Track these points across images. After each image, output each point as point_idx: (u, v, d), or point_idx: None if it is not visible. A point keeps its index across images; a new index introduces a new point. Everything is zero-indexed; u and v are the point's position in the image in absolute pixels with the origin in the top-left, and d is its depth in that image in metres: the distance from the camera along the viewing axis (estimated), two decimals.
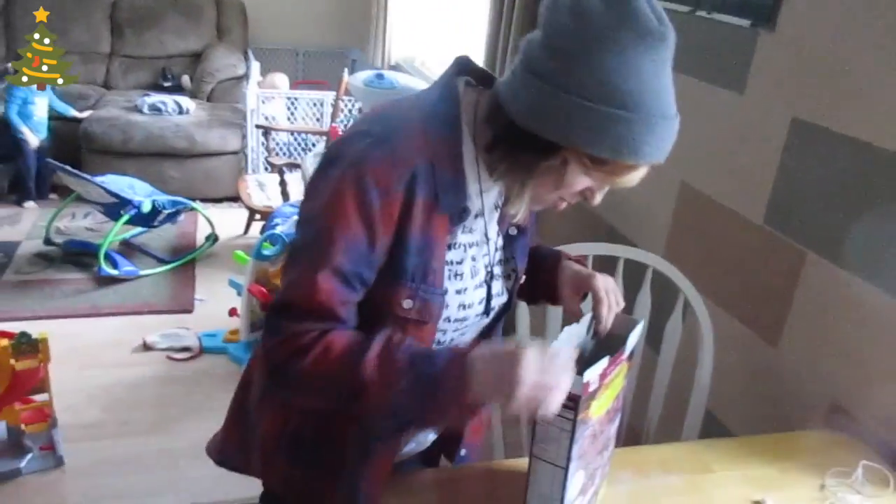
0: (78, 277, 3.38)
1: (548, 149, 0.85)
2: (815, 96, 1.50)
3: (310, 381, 0.90)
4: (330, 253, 0.87)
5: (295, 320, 0.89)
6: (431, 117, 0.93)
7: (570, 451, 0.90)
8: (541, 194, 0.92)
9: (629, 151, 0.82)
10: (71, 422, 2.38)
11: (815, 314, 1.50)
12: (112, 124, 4.17)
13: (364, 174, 0.87)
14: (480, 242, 1.02)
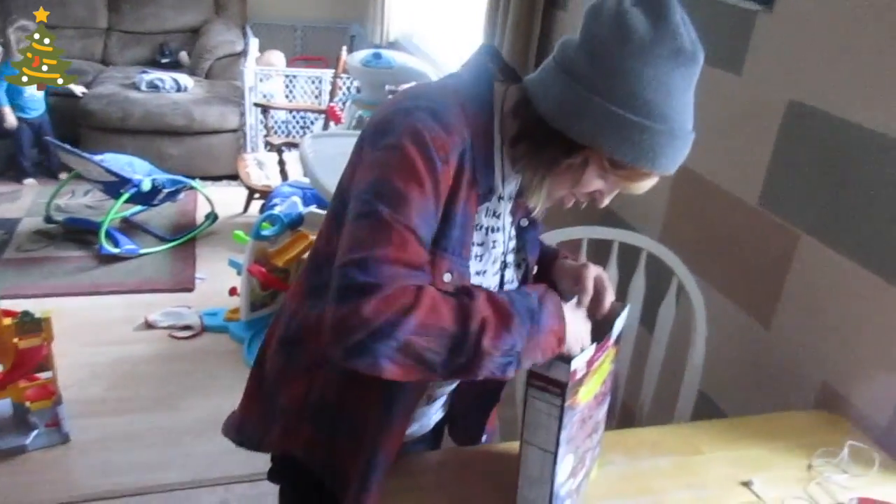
0: (79, 255, 3.40)
1: (572, 147, 0.90)
2: (812, 78, 1.50)
3: (424, 333, 0.83)
4: (408, 213, 0.86)
5: (393, 275, 0.84)
6: (468, 98, 0.96)
7: (558, 437, 0.92)
8: (555, 190, 0.97)
9: (649, 160, 0.88)
10: (75, 398, 2.41)
11: (808, 296, 1.51)
12: (110, 101, 4.16)
13: (426, 140, 0.88)
14: (499, 228, 1.05)
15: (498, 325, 0.86)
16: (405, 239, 0.86)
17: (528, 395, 0.93)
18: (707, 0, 1.78)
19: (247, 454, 1.18)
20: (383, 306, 0.82)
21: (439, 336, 0.84)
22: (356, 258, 0.84)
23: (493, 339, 0.85)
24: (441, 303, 0.85)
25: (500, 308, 0.87)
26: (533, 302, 0.90)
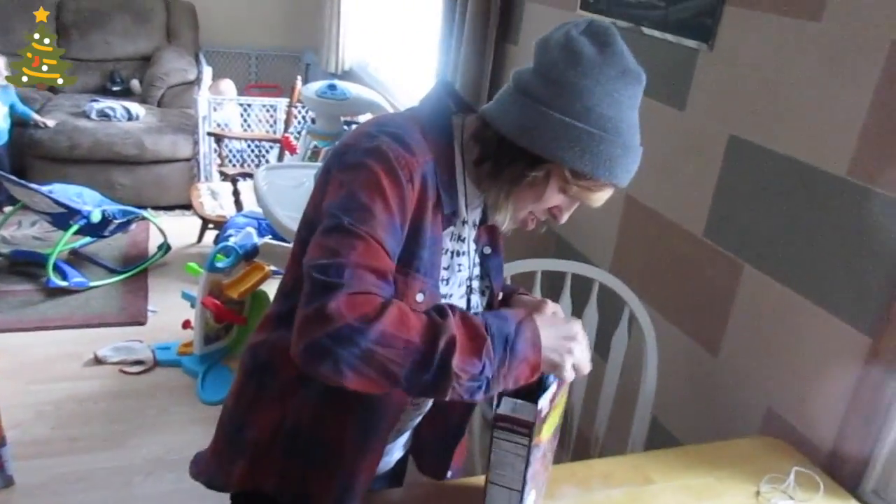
0: (25, 289, 3.31)
1: (534, 162, 0.94)
2: (750, 114, 1.57)
3: (388, 344, 0.83)
4: (374, 225, 0.89)
5: (361, 278, 0.85)
6: (428, 126, 1.01)
7: (525, 475, 0.93)
8: (518, 208, 1.00)
9: (606, 169, 0.93)
10: (20, 439, 2.34)
11: (753, 324, 1.56)
12: (58, 130, 4.08)
13: (390, 158, 0.92)
14: (464, 252, 1.08)
15: (468, 347, 0.85)
16: (371, 247, 0.88)
17: (494, 436, 0.94)
18: (651, 39, 1.85)
19: (199, 493, 1.16)
20: (347, 309, 0.82)
21: (404, 350, 0.83)
22: (324, 263, 0.86)
23: (461, 362, 0.84)
24: (409, 317, 0.85)
25: (472, 330, 0.87)
26: (509, 327, 0.90)
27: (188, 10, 5.18)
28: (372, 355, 0.82)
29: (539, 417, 0.91)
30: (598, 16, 2.07)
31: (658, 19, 1.83)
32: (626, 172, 0.96)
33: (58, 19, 4.89)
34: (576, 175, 0.94)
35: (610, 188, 0.98)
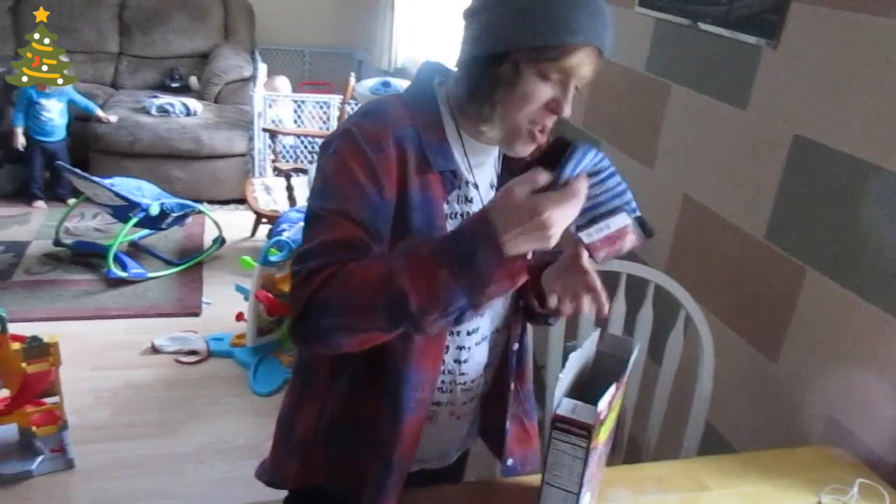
0: (87, 278, 3.42)
1: (497, 59, 0.94)
2: (817, 114, 1.52)
3: (345, 314, 0.86)
4: (345, 206, 0.93)
5: (313, 258, 0.89)
6: (410, 99, 1.04)
7: (582, 478, 0.93)
8: (512, 118, 0.97)
9: (562, 29, 0.91)
10: (80, 423, 2.41)
11: (814, 329, 1.52)
12: (120, 125, 4.21)
13: (356, 137, 0.96)
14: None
15: (423, 287, 0.81)
16: (335, 223, 0.92)
17: (552, 436, 0.93)
18: (713, 35, 1.81)
19: (248, 483, 1.19)
20: (297, 291, 0.88)
21: (370, 308, 0.84)
22: (299, 253, 0.93)
23: (420, 304, 0.82)
24: (367, 272, 0.85)
25: (422, 267, 0.82)
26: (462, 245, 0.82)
27: (245, 9, 5.29)
28: (345, 322, 0.87)
29: (598, 420, 0.90)
30: (656, 12, 2.04)
31: (720, 15, 1.78)
32: (587, 27, 0.91)
33: (120, 18, 5.05)
34: (538, 51, 0.92)
35: (584, 49, 0.92)
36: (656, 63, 2.06)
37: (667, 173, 2.02)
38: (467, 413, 1.20)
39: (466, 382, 1.14)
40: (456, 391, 1.14)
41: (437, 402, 1.13)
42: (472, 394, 1.17)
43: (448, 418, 1.16)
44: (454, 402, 1.15)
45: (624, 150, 2.23)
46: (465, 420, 1.21)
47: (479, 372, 1.16)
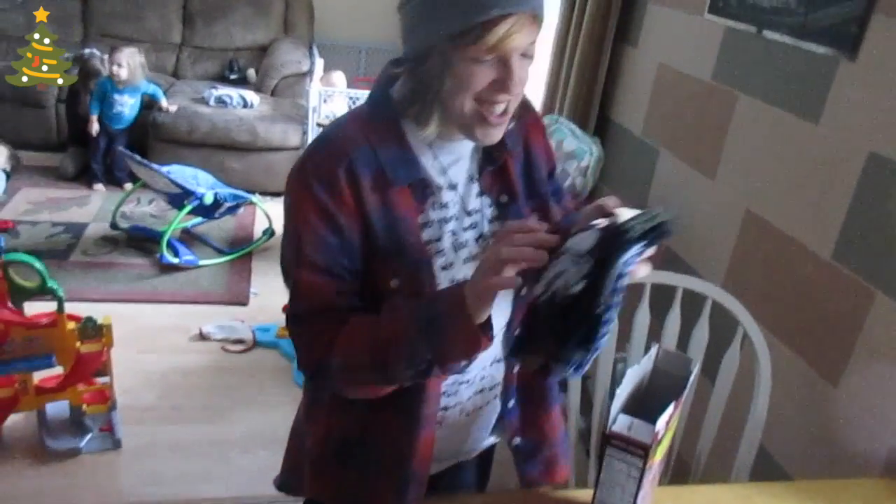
0: (140, 262, 3.49)
1: (423, 56, 0.92)
2: (894, 131, 1.45)
3: (349, 369, 0.94)
4: (304, 254, 0.95)
5: (308, 324, 0.97)
6: (369, 109, 1.01)
7: (635, 498, 0.90)
8: (457, 109, 0.93)
9: (473, 7, 0.86)
10: (128, 404, 2.46)
11: (881, 357, 1.45)
12: (179, 115, 4.29)
13: (307, 175, 0.95)
14: (459, 216, 1.03)
15: (396, 343, 0.89)
16: (310, 283, 0.95)
17: (607, 454, 0.91)
18: (785, 45, 1.75)
19: None
20: (305, 358, 0.98)
21: (361, 367, 0.93)
22: (288, 313, 1.00)
23: (395, 359, 0.90)
24: (354, 336, 0.93)
25: (396, 325, 0.90)
26: (434, 306, 0.89)
27: (305, 4, 5.34)
28: (346, 379, 0.96)
29: (656, 439, 0.87)
30: (726, 20, 1.98)
31: (795, 25, 1.72)
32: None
33: (184, 8, 5.15)
34: (458, 37, 0.87)
35: (507, 20, 0.86)
36: (723, 71, 2.01)
37: (729, 186, 1.96)
38: (477, 407, 1.15)
39: (470, 377, 1.11)
40: (460, 391, 1.11)
41: (444, 407, 1.10)
42: (475, 387, 1.12)
43: (458, 417, 1.13)
44: (461, 401, 1.12)
45: (684, 159, 2.18)
46: (475, 415, 1.16)
47: (484, 367, 1.12)
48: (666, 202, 2.29)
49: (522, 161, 1.10)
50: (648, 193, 2.37)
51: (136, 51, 4.14)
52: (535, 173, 1.11)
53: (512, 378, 1.15)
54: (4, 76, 3.89)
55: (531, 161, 1.11)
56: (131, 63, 4.07)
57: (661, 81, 2.34)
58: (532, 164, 1.11)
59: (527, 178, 1.10)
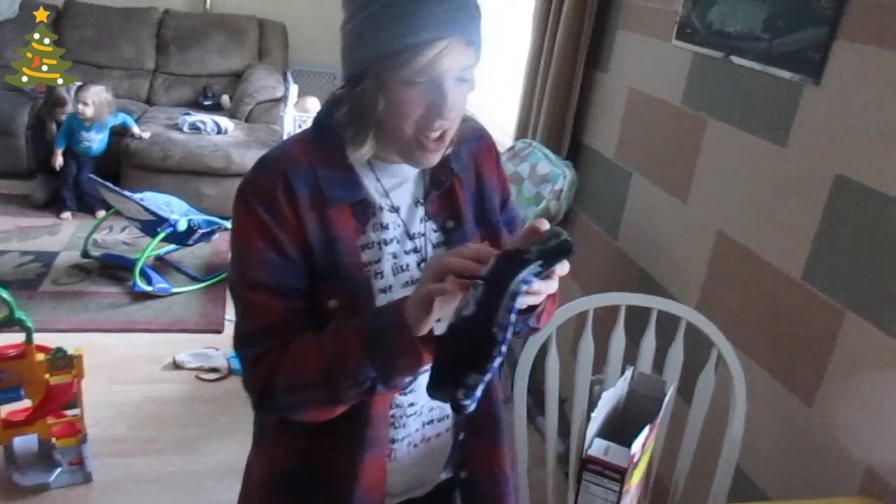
0: (113, 291, 3.45)
1: (356, 79, 0.93)
2: (860, 154, 1.48)
3: (295, 389, 0.94)
4: (249, 274, 0.96)
5: (255, 345, 0.97)
6: (312, 131, 1.02)
7: None
8: (393, 127, 0.93)
9: (403, 30, 0.86)
10: (99, 437, 2.41)
11: (853, 376, 1.47)
12: (153, 141, 4.26)
13: (248, 196, 0.96)
14: (400, 239, 1.03)
15: (341, 359, 0.89)
16: (257, 303, 0.96)
17: (584, 478, 0.90)
18: (752, 71, 1.79)
19: None
20: (251, 379, 0.97)
21: (307, 387, 0.93)
22: (235, 335, 1.00)
23: (341, 375, 0.89)
24: (299, 356, 0.94)
25: (342, 343, 0.90)
26: (378, 319, 0.89)
27: (280, 30, 5.37)
28: (291, 401, 0.95)
29: (632, 462, 0.87)
30: (694, 46, 2.02)
31: (761, 51, 1.76)
32: (433, 17, 0.86)
33: (158, 36, 5.15)
34: (388, 59, 0.88)
35: (437, 43, 0.86)
36: (693, 96, 2.04)
37: (700, 208, 1.99)
38: (426, 438, 1.12)
39: (417, 408, 1.09)
40: (408, 423, 1.09)
41: (392, 439, 1.08)
42: (424, 418, 1.11)
43: (408, 450, 1.11)
44: (409, 433, 1.10)
45: (657, 182, 2.21)
46: (425, 448, 1.13)
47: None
48: (639, 225, 2.32)
49: (474, 188, 1.10)
50: (622, 216, 2.40)
51: (102, 89, 4.13)
52: (486, 202, 1.10)
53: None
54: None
55: (482, 189, 1.11)
56: (97, 101, 4.06)
57: (632, 106, 2.38)
58: (483, 191, 1.11)
59: (477, 206, 1.10)
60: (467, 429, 1.14)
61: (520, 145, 2.74)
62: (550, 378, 1.58)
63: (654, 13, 2.24)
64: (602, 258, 2.52)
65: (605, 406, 0.98)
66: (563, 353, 1.65)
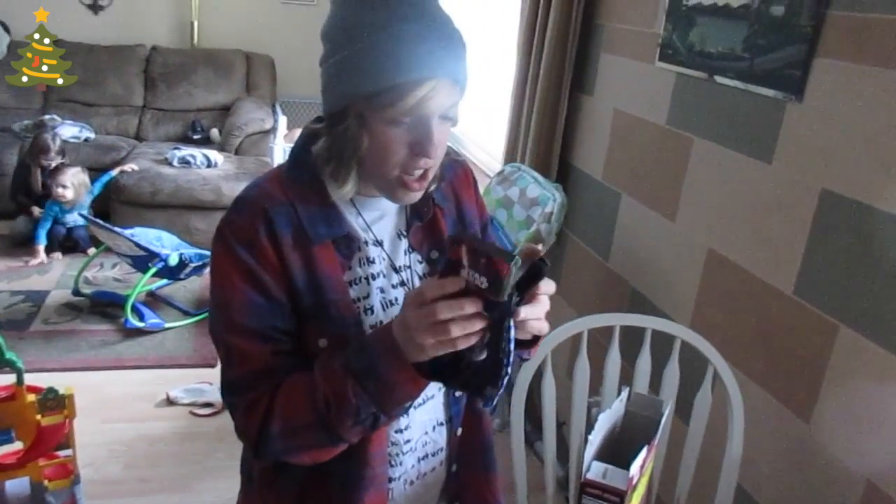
0: (104, 328, 3.42)
1: (338, 116, 0.90)
2: (845, 168, 1.50)
3: (292, 434, 0.92)
4: (233, 319, 0.93)
5: (243, 393, 0.94)
6: (288, 167, 0.99)
7: None
8: (378, 168, 0.92)
9: (389, 69, 0.84)
10: (93, 478, 2.38)
11: (849, 390, 1.47)
12: (142, 177, 4.26)
13: (228, 238, 0.93)
14: (386, 273, 1.02)
15: (336, 398, 0.86)
16: (242, 349, 0.92)
17: (583, 503, 0.89)
18: (735, 90, 1.81)
19: None
20: (244, 427, 0.94)
21: (304, 429, 0.90)
22: (222, 382, 0.97)
23: (338, 415, 0.87)
24: (291, 398, 0.91)
25: (334, 382, 0.87)
26: (369, 356, 0.86)
27: (267, 63, 5.41)
28: (289, 446, 0.92)
29: (630, 485, 0.86)
30: (677, 66, 2.05)
31: (742, 70, 1.78)
32: (420, 57, 0.84)
33: (145, 73, 5.17)
34: (373, 98, 0.86)
35: (424, 84, 0.85)
36: (678, 117, 2.06)
37: (689, 227, 2.00)
38: (421, 474, 1.11)
39: (412, 444, 1.08)
40: (404, 460, 1.07)
41: (389, 478, 1.06)
42: (419, 453, 1.09)
43: (404, 488, 1.09)
44: (405, 470, 1.08)
45: (645, 202, 2.22)
46: (421, 483, 1.12)
47: (426, 431, 1.09)
48: (630, 245, 2.32)
49: (455, 216, 1.10)
50: (613, 237, 2.41)
51: (78, 170, 4.14)
52: (467, 228, 1.10)
53: (455, 441, 1.12)
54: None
55: (463, 216, 1.11)
56: (76, 182, 4.06)
57: (618, 128, 2.40)
58: (464, 218, 1.11)
59: None
60: (459, 459, 1.13)
61: (509, 169, 2.76)
62: (547, 402, 1.57)
63: (636, 35, 2.27)
64: (594, 279, 2.52)
65: (602, 428, 0.97)
66: (558, 375, 1.64)
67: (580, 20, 2.52)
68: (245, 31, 5.48)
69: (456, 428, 1.11)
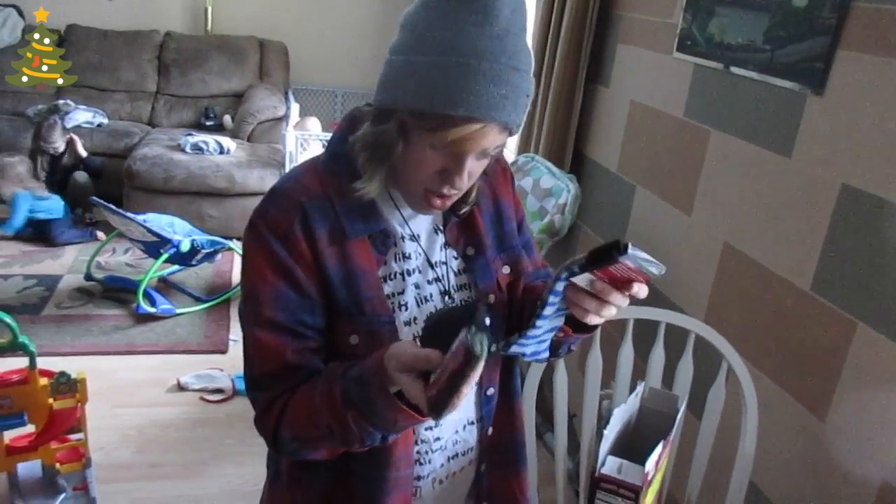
0: (116, 314, 3.43)
1: (384, 115, 0.88)
2: (866, 163, 1.47)
3: (303, 443, 0.93)
4: (261, 312, 0.92)
5: (265, 390, 0.94)
6: (326, 158, 0.98)
7: None
8: (406, 177, 0.92)
9: (442, 97, 0.81)
10: (104, 462, 2.39)
11: (866, 388, 1.45)
12: (155, 162, 4.27)
13: (261, 229, 0.92)
14: (422, 268, 1.00)
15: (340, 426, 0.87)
16: (263, 346, 0.92)
17: (597, 497, 0.89)
18: (755, 82, 1.78)
19: None
20: (262, 424, 0.95)
21: (315, 435, 0.90)
22: (249, 379, 0.96)
23: (343, 437, 0.87)
24: (302, 408, 0.91)
25: (335, 411, 0.87)
26: (366, 390, 0.85)
27: (281, 51, 5.39)
28: (303, 448, 0.93)
29: (646, 481, 0.85)
30: (694, 58, 2.02)
31: (762, 62, 1.76)
32: (474, 96, 0.81)
33: (159, 59, 5.17)
34: (418, 117, 0.84)
35: (472, 124, 0.83)
36: (695, 109, 2.04)
37: (706, 221, 1.98)
38: (450, 473, 1.10)
39: (442, 442, 1.06)
40: (433, 458, 1.06)
41: (417, 476, 1.05)
42: (448, 452, 1.08)
43: (432, 487, 1.08)
44: (434, 469, 1.07)
45: (661, 195, 2.20)
46: (450, 482, 1.11)
47: (457, 430, 1.07)
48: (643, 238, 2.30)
49: (492, 213, 1.07)
50: (626, 229, 2.39)
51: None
52: (504, 225, 1.08)
53: (486, 441, 1.10)
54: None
55: (500, 213, 1.08)
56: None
57: (633, 119, 2.37)
58: (501, 215, 1.08)
59: (496, 231, 1.07)
60: (489, 458, 1.12)
61: (522, 160, 2.74)
62: (559, 394, 1.56)
63: (654, 26, 2.25)
64: None
65: (617, 423, 0.96)
66: (570, 368, 1.63)
67: (597, 10, 2.49)
68: (259, 17, 5.46)
69: (487, 427, 1.09)
